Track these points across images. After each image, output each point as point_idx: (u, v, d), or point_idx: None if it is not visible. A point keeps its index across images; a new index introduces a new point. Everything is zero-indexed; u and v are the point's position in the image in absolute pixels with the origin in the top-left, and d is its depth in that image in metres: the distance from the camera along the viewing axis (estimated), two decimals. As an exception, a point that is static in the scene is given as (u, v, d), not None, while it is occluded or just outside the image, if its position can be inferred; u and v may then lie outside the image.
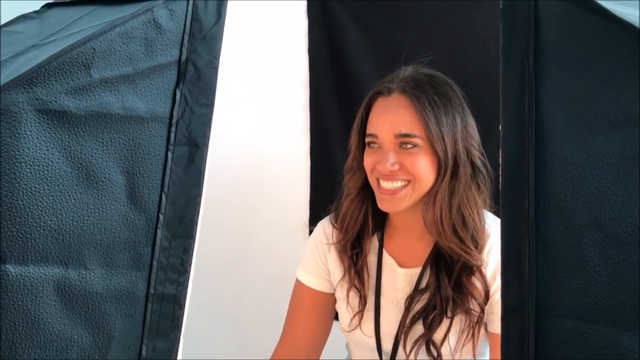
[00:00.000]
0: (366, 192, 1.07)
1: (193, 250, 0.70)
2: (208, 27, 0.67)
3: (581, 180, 0.53)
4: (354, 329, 1.08)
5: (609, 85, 0.51)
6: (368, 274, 1.09)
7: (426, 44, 1.35)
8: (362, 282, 1.08)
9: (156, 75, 0.66)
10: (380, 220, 1.09)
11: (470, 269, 0.98)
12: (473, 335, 0.98)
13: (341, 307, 1.11)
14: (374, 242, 1.10)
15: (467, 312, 0.98)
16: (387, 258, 1.08)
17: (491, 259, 0.99)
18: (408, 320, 1.02)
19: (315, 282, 1.12)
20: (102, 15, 0.78)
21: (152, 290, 0.68)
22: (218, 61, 0.68)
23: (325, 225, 1.14)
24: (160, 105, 0.66)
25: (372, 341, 1.07)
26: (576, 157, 0.53)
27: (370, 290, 1.08)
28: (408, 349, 1.01)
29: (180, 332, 0.71)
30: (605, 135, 0.52)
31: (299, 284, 1.14)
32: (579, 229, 0.53)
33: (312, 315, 1.12)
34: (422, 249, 1.04)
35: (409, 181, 1.00)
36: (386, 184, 1.00)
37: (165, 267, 0.69)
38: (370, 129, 1.04)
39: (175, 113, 0.67)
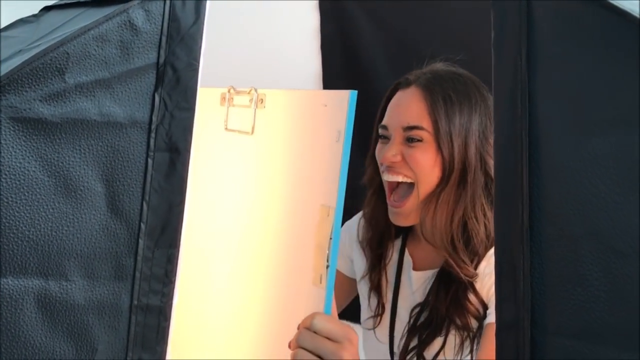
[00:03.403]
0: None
1: (177, 259, 0.67)
2: (186, 27, 0.64)
3: (577, 186, 0.48)
4: (369, 329, 1.09)
5: (607, 82, 0.46)
6: (387, 280, 1.08)
7: (441, 38, 1.31)
8: (380, 288, 1.07)
9: (133, 79, 0.63)
10: None
11: (465, 284, 0.93)
12: (471, 350, 0.94)
13: (363, 303, 1.12)
14: (398, 243, 1.08)
15: (462, 328, 0.94)
16: (407, 258, 1.06)
17: (487, 273, 0.94)
18: (406, 331, 1.00)
19: None
20: (90, 17, 0.76)
21: (135, 302, 0.66)
22: (198, 63, 0.65)
23: (354, 220, 1.16)
24: (138, 110, 0.64)
25: (385, 347, 1.06)
26: (571, 160, 0.49)
27: (389, 289, 1.07)
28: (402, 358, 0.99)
29: (167, 344, 0.68)
30: (603, 137, 0.47)
31: None
32: (576, 240, 0.49)
33: None
34: (440, 255, 1.01)
35: (410, 179, 0.96)
36: (388, 177, 0.97)
37: (149, 278, 0.66)
38: (383, 121, 1.02)
39: (154, 118, 0.64)
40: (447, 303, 0.94)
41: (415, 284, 1.03)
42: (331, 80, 1.46)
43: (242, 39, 1.49)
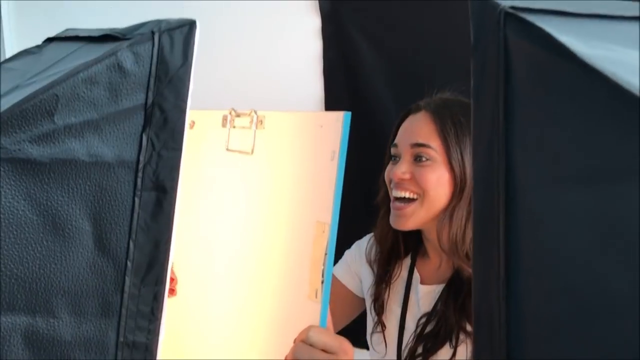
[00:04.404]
0: None
1: (164, 297, 0.68)
2: (174, 69, 0.65)
3: (551, 240, 0.48)
4: (381, 356, 1.12)
5: (581, 137, 0.46)
6: (389, 297, 1.10)
7: (444, 65, 1.31)
8: (383, 304, 1.10)
9: (122, 120, 0.64)
10: (413, 240, 1.11)
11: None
12: None
13: (369, 318, 1.14)
14: (407, 261, 1.12)
15: (470, 335, 0.97)
16: (415, 274, 1.10)
17: None
18: (412, 339, 1.03)
19: (341, 274, 1.18)
20: (86, 54, 0.77)
21: (121, 339, 0.67)
22: (185, 104, 0.66)
23: (365, 239, 1.19)
24: (126, 150, 0.65)
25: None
26: (546, 213, 0.48)
27: (397, 305, 1.09)
28: None
29: (153, 380, 0.69)
30: (576, 191, 0.46)
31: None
32: (550, 295, 0.48)
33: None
34: (446, 270, 1.05)
35: (418, 195, 1.00)
36: (396, 193, 1.02)
37: (135, 315, 0.67)
38: (394, 140, 1.08)
39: (142, 158, 0.65)
40: (455, 311, 0.97)
41: (423, 298, 1.06)
42: (333, 103, 1.46)
43: (245, 62, 1.50)
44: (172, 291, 1.04)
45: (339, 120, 0.78)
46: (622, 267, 0.44)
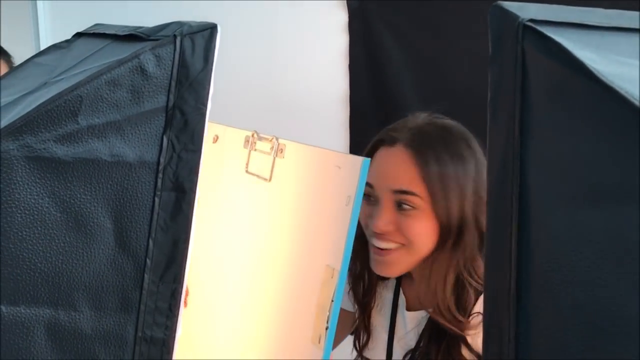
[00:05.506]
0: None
1: (181, 294, 0.70)
2: (195, 73, 0.66)
3: (563, 257, 0.48)
4: None
5: (594, 155, 0.46)
6: (370, 322, 1.06)
7: (469, 61, 1.30)
8: (369, 330, 1.06)
9: (143, 122, 0.66)
10: None
11: (458, 339, 0.91)
12: None
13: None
14: (392, 282, 1.06)
15: None
16: (401, 297, 1.04)
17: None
18: None
19: None
20: (111, 53, 0.79)
21: (140, 334, 0.69)
22: (205, 107, 0.67)
23: None
24: (147, 151, 0.66)
25: None
26: (558, 230, 0.48)
27: (383, 329, 1.05)
28: None
29: (169, 375, 0.71)
30: (589, 209, 0.46)
31: None
32: (561, 311, 0.48)
33: None
34: (432, 297, 0.99)
35: (403, 244, 0.93)
36: (379, 243, 0.94)
37: (153, 311, 0.69)
38: (368, 179, 0.94)
39: (162, 159, 0.66)
40: (438, 356, 0.92)
41: (410, 324, 1.01)
42: (358, 99, 1.46)
43: (271, 57, 1.51)
44: (184, 303, 1.03)
45: (356, 165, 0.74)
46: (631, 287, 0.44)
